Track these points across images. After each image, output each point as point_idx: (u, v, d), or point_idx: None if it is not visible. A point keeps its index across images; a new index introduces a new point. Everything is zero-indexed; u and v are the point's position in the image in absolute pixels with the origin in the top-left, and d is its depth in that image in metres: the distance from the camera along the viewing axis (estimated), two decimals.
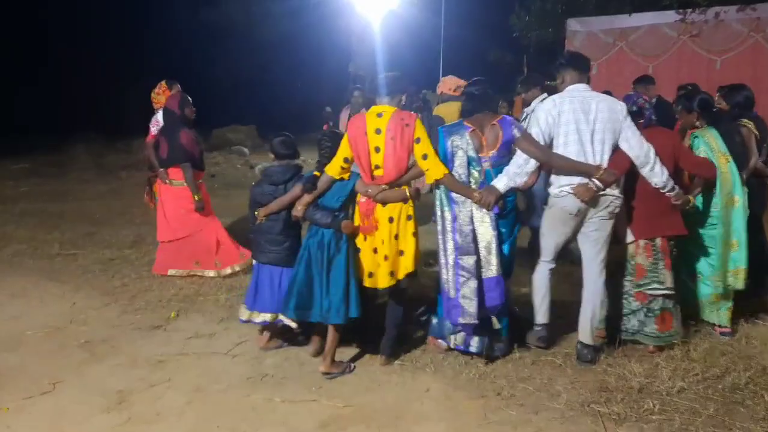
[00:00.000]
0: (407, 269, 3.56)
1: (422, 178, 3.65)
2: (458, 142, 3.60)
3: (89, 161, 12.55)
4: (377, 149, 3.50)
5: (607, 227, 3.62)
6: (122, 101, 15.69)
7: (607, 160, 3.52)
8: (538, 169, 3.61)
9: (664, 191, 3.64)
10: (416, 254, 3.59)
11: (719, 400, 3.25)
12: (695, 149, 4.02)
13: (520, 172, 3.51)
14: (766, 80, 8.50)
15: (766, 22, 8.97)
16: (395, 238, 3.53)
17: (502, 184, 3.49)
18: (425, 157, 3.47)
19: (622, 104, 3.62)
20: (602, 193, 3.50)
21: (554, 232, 3.71)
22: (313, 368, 3.63)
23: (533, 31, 13.03)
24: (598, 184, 3.47)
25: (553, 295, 3.82)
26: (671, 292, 3.73)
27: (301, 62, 18.07)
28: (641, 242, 3.74)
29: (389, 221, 3.52)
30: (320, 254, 3.55)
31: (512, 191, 3.57)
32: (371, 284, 3.61)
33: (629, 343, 3.87)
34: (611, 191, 3.52)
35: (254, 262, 3.99)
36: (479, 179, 3.57)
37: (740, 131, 4.20)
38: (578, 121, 3.51)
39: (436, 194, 3.68)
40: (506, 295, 3.59)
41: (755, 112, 4.45)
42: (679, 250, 3.92)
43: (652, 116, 3.84)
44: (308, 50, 17.68)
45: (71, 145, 13.60)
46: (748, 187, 4.04)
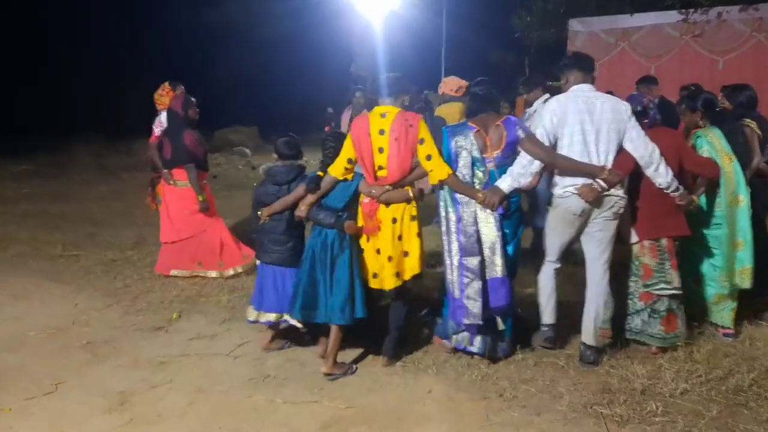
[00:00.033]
0: (413, 270, 3.56)
1: (425, 178, 3.64)
2: (462, 142, 3.59)
3: (90, 162, 12.55)
4: (381, 150, 3.49)
5: (611, 228, 3.61)
6: (122, 101, 15.68)
7: (611, 160, 3.51)
8: (541, 169, 3.60)
9: (668, 191, 3.63)
10: (422, 255, 3.59)
11: (722, 402, 3.24)
12: (698, 149, 4.01)
13: (524, 172, 3.50)
14: None
15: None
16: (399, 238, 3.52)
17: (506, 184, 3.49)
18: (429, 157, 3.46)
19: (626, 104, 3.61)
20: (606, 193, 3.49)
21: (558, 232, 3.71)
22: (314, 369, 3.63)
23: (535, 31, 13.01)
24: (602, 184, 3.46)
25: (557, 295, 3.81)
26: (679, 291, 3.72)
27: (302, 62, 18.06)
28: (646, 243, 3.73)
29: (392, 222, 3.51)
30: (324, 255, 3.55)
31: (516, 192, 3.57)
32: (377, 285, 3.60)
33: (632, 344, 3.87)
34: (615, 192, 3.52)
35: (258, 262, 3.99)
36: (483, 180, 3.57)
37: (743, 131, 4.20)
38: (583, 121, 3.50)
39: (440, 195, 3.67)
40: (511, 295, 3.58)
41: (758, 111, 4.44)
42: (682, 251, 3.92)
43: (656, 116, 3.82)
44: (309, 51, 17.67)
45: (72, 146, 13.60)
46: (750, 187, 4.03)
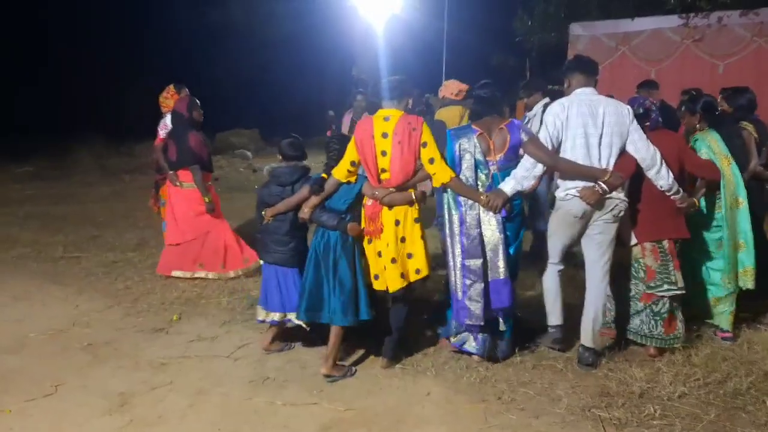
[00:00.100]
0: (421, 272, 3.57)
1: (426, 181, 3.66)
2: (466, 145, 3.62)
3: (92, 164, 12.61)
4: (384, 153, 3.51)
5: (611, 230, 3.63)
6: (122, 101, 15.74)
7: (613, 163, 3.53)
8: (542, 172, 3.62)
9: (669, 194, 3.65)
10: (428, 257, 3.61)
11: (721, 405, 3.24)
12: (697, 152, 4.03)
13: (527, 175, 3.52)
14: None
15: None
16: (402, 240, 3.54)
17: (509, 187, 3.51)
18: (432, 161, 3.48)
19: (628, 108, 3.63)
20: (608, 196, 3.51)
21: (560, 234, 3.73)
22: (314, 371, 3.64)
23: (536, 35, 13.03)
24: (604, 187, 3.47)
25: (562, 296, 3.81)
26: (683, 292, 3.73)
27: (302, 64, 18.02)
28: (648, 245, 3.74)
29: (395, 224, 3.53)
30: (327, 256, 3.58)
31: (519, 195, 3.59)
32: (379, 287, 3.62)
33: (631, 347, 3.88)
34: (617, 194, 3.53)
35: (262, 262, 4.02)
36: (486, 182, 3.59)
37: (741, 134, 4.22)
38: (586, 125, 3.52)
39: (443, 197, 3.70)
40: (513, 296, 3.61)
41: (756, 115, 4.45)
42: (682, 253, 3.92)
43: (658, 118, 3.83)
44: (310, 52, 17.65)
45: (74, 148, 13.65)
46: (747, 189, 4.04)
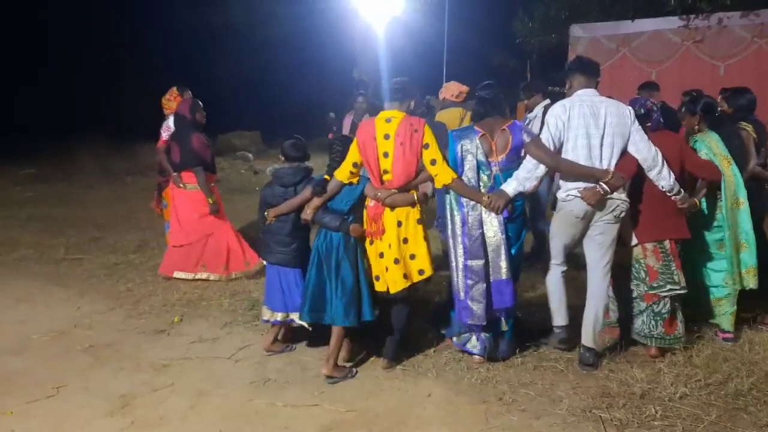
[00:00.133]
0: (425, 272, 3.59)
1: (427, 182, 3.68)
2: (468, 146, 3.63)
3: (94, 166, 12.61)
4: (386, 154, 3.53)
5: (612, 231, 3.63)
6: (122, 101, 15.73)
7: (614, 164, 3.54)
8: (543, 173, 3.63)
9: (670, 194, 3.66)
10: (430, 257, 3.62)
11: (722, 406, 3.24)
12: (697, 153, 4.03)
13: (529, 176, 3.53)
14: None
15: None
16: (404, 242, 3.55)
17: (511, 188, 3.52)
18: (434, 162, 3.50)
19: (630, 109, 3.64)
20: (609, 196, 3.52)
21: (562, 234, 3.73)
22: (315, 373, 3.64)
23: (536, 36, 13.03)
24: (605, 188, 3.48)
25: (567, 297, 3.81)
26: (685, 291, 3.74)
27: (303, 64, 17.98)
28: (649, 245, 3.75)
29: (397, 225, 3.55)
30: (329, 257, 3.59)
31: (520, 195, 3.60)
32: (380, 288, 3.63)
33: (632, 348, 3.88)
34: (618, 195, 3.54)
35: (265, 263, 4.03)
36: (488, 183, 3.61)
37: (740, 134, 4.22)
38: (587, 126, 3.53)
39: (445, 198, 3.72)
40: (515, 296, 3.62)
41: (755, 115, 4.45)
42: (684, 252, 3.93)
43: (660, 119, 3.84)
44: (311, 53, 17.61)
45: (76, 149, 13.66)
46: (746, 190, 4.04)
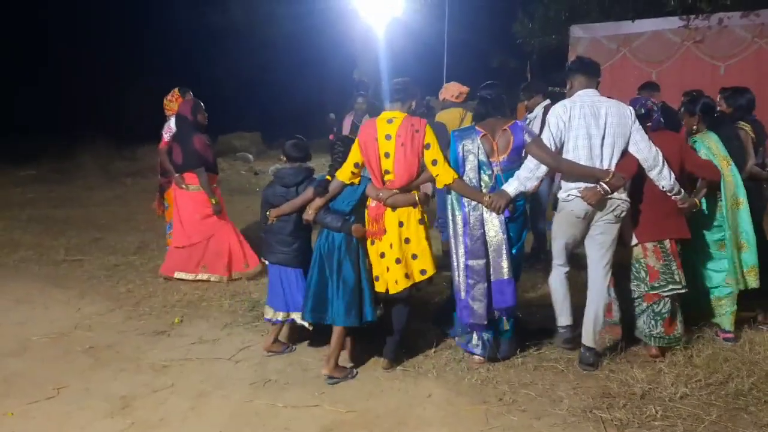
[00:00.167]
0: (427, 272, 3.59)
1: (427, 183, 3.68)
2: (469, 146, 3.64)
3: (95, 168, 12.62)
4: (387, 155, 3.54)
5: (612, 231, 3.64)
6: (122, 101, 15.73)
7: (615, 164, 3.55)
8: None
9: (671, 194, 3.66)
10: (433, 257, 3.62)
11: (722, 406, 3.24)
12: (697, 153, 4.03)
13: (531, 176, 3.53)
14: None
15: None
16: (406, 241, 3.56)
17: (512, 188, 3.53)
18: (435, 162, 3.51)
19: (630, 109, 3.65)
20: (609, 196, 3.52)
21: (564, 235, 3.74)
22: (316, 374, 3.65)
23: (537, 37, 13.04)
24: (605, 188, 3.48)
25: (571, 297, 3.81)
26: (685, 290, 3.74)
27: (303, 64, 17.97)
28: (649, 245, 3.75)
29: (399, 225, 3.55)
30: (331, 257, 3.60)
31: (522, 195, 3.61)
32: (379, 288, 3.63)
33: (632, 348, 3.88)
34: (618, 195, 3.54)
35: (267, 263, 4.04)
36: (490, 183, 3.62)
37: (738, 134, 4.22)
38: (588, 126, 3.53)
39: (446, 199, 3.73)
40: (516, 296, 3.63)
41: (753, 115, 4.45)
42: (684, 252, 3.92)
43: (660, 119, 3.84)
44: (311, 53, 17.59)
45: (76, 151, 13.67)
46: (746, 190, 4.03)
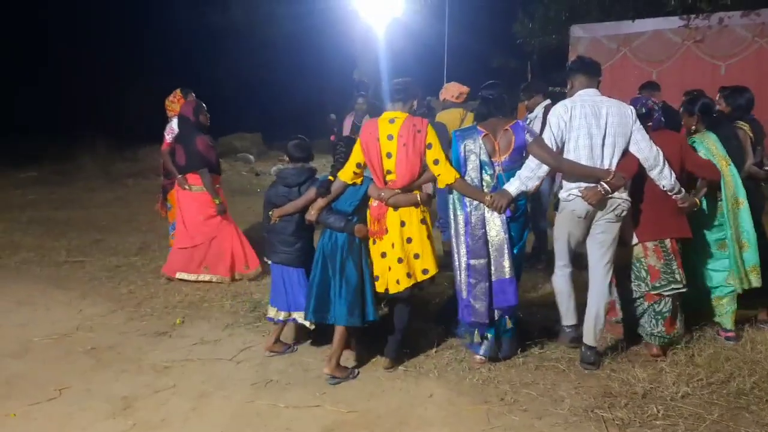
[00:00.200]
0: (429, 272, 3.60)
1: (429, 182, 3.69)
2: (471, 146, 3.65)
3: (96, 169, 12.63)
4: (389, 155, 3.54)
5: (613, 230, 3.64)
6: (122, 101, 15.74)
7: (616, 164, 3.55)
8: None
9: (671, 194, 3.67)
10: (435, 256, 3.63)
11: (724, 405, 3.24)
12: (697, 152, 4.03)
13: (532, 176, 3.54)
14: None
15: None
16: (408, 241, 3.56)
17: (514, 188, 3.53)
18: (437, 162, 3.52)
19: (631, 108, 3.65)
20: (610, 196, 3.52)
21: (565, 234, 3.74)
22: (317, 374, 3.65)
23: (537, 37, 13.05)
24: (606, 187, 3.49)
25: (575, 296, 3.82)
26: (686, 289, 3.75)
27: (303, 65, 17.97)
28: (650, 245, 3.75)
29: (401, 225, 3.56)
30: (334, 257, 3.60)
31: (523, 195, 3.61)
32: (380, 288, 3.63)
33: (633, 347, 3.88)
34: (619, 194, 3.54)
35: (269, 263, 4.05)
36: (491, 183, 3.62)
37: (737, 134, 4.22)
38: (589, 125, 3.53)
39: (448, 198, 3.74)
40: (518, 296, 3.63)
41: (752, 114, 4.45)
42: (684, 252, 3.92)
43: (661, 118, 3.84)
44: (311, 53, 17.58)
45: (77, 152, 13.68)
46: (746, 190, 4.03)
